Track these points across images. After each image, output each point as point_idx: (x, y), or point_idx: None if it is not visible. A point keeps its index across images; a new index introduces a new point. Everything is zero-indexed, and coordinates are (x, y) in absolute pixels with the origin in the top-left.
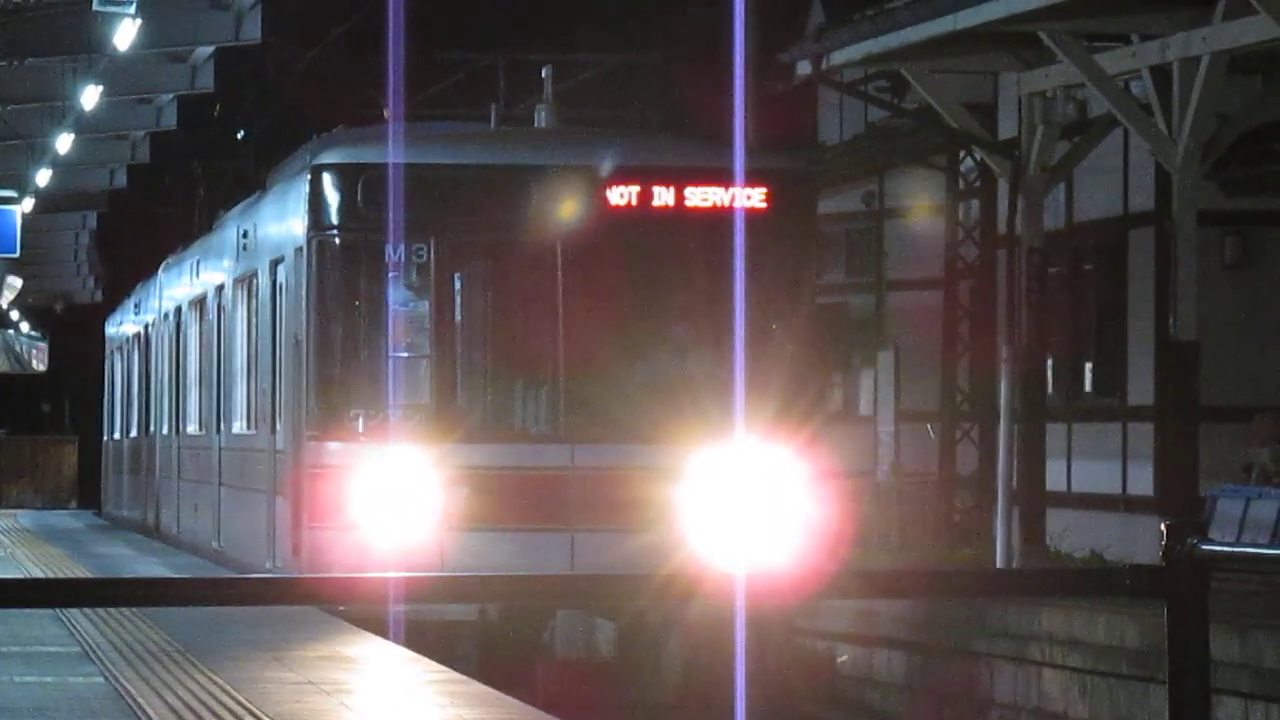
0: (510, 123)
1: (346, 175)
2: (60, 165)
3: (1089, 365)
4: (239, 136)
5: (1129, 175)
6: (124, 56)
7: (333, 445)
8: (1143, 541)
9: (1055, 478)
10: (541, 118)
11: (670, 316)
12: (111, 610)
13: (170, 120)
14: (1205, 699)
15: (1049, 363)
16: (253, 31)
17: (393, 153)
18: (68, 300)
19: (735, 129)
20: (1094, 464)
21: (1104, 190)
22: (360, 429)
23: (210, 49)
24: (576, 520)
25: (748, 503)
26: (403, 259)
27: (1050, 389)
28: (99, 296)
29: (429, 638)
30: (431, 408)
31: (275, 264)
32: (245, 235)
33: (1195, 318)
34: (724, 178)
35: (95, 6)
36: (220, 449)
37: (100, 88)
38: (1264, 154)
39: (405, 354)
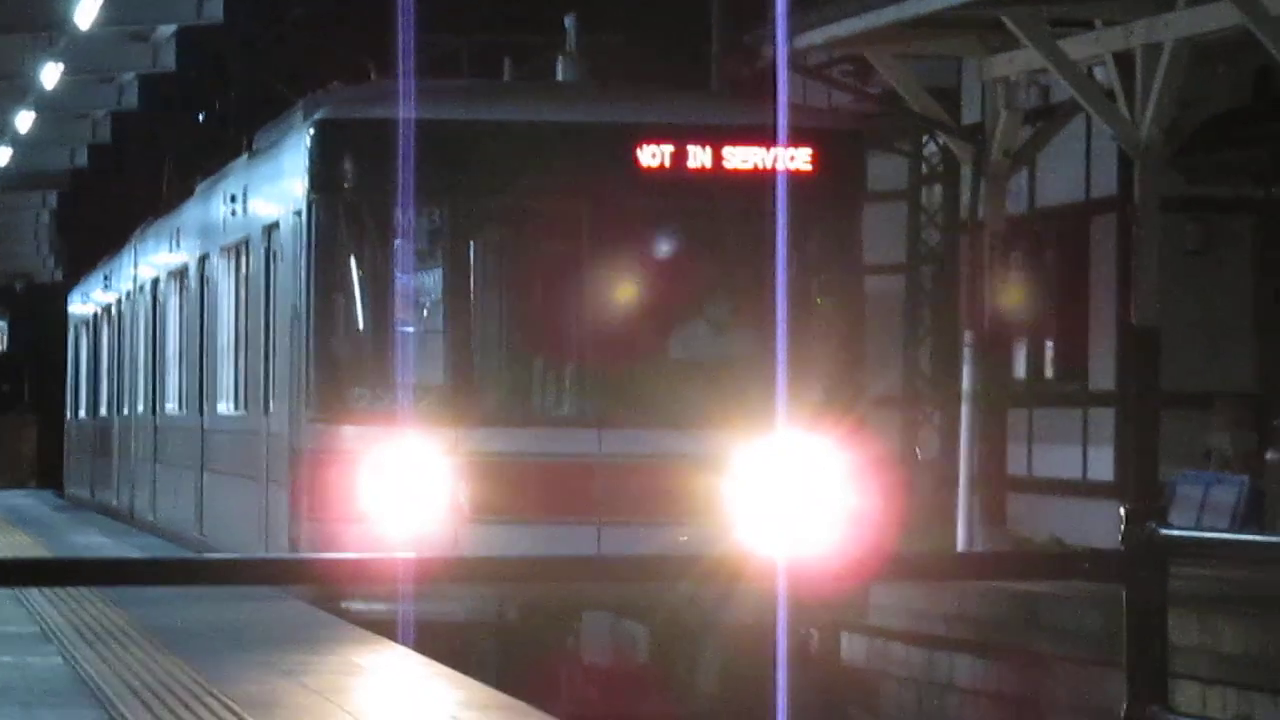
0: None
1: (351, 131)
2: (20, 144)
3: (1050, 350)
4: (198, 118)
5: (1092, 161)
6: (85, 34)
7: (336, 429)
8: (1103, 526)
9: (1016, 462)
10: (561, 70)
11: (708, 289)
12: (70, 591)
13: (132, 100)
14: (1163, 682)
15: (1014, 348)
16: (215, 11)
17: (403, 106)
18: (28, 280)
19: (779, 87)
20: (1055, 448)
21: (1067, 176)
22: (367, 411)
23: (173, 28)
24: (604, 512)
25: (791, 494)
26: (413, 223)
27: (1015, 373)
28: (59, 276)
29: (441, 641)
30: (446, 387)
31: (269, 230)
32: (233, 200)
33: (1157, 304)
34: (767, 137)
35: None
36: (204, 430)
37: (61, 65)
38: (1226, 141)
39: (416, 328)
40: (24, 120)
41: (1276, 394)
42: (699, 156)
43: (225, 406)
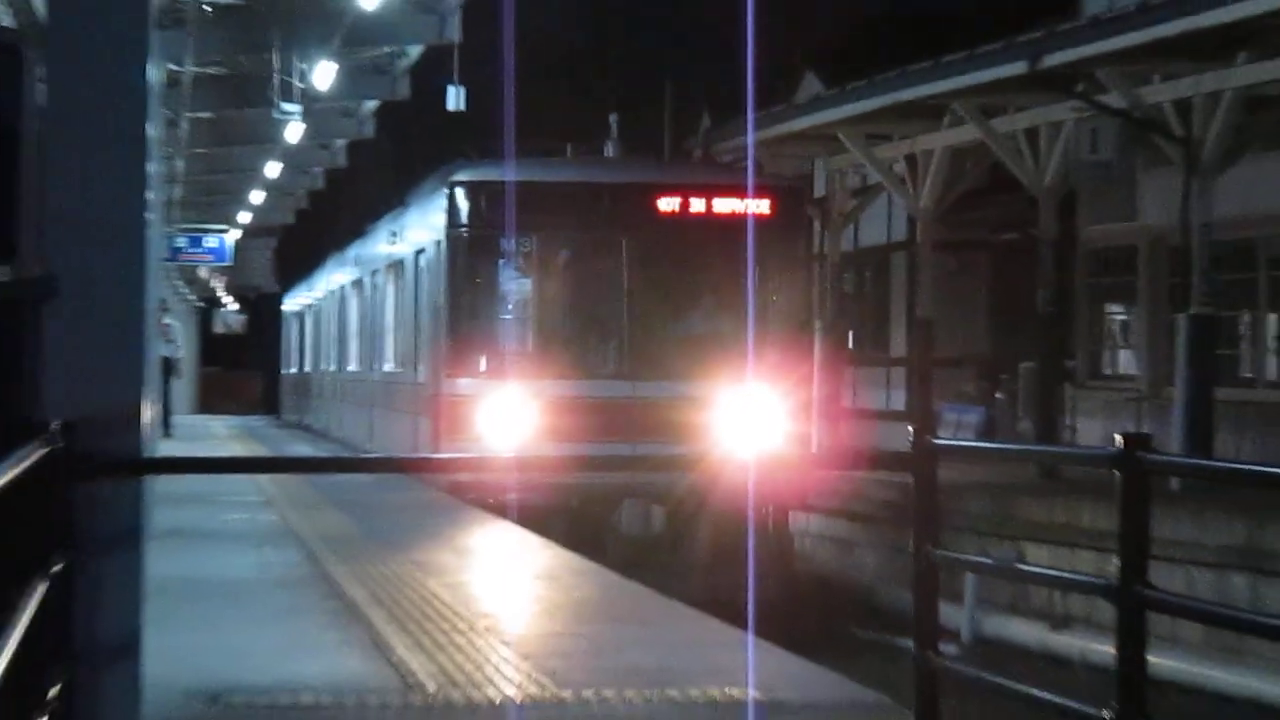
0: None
1: (475, 189)
2: (254, 210)
3: (867, 334)
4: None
5: (891, 219)
6: (322, 100)
7: (463, 381)
8: (899, 439)
9: (847, 399)
10: (610, 149)
11: (702, 290)
12: (285, 476)
13: (341, 160)
14: (938, 532)
15: (846, 331)
16: (403, 90)
17: (508, 173)
18: (258, 290)
19: (748, 158)
20: (870, 391)
21: (877, 228)
22: (483, 369)
23: (374, 104)
24: (636, 436)
25: (754, 423)
26: (514, 248)
27: (849, 345)
28: (276, 288)
29: (533, 519)
30: (534, 355)
31: (418, 254)
32: (394, 234)
33: (930, 304)
34: (739, 191)
35: (275, 115)
36: (374, 382)
37: (280, 164)
38: (971, 206)
39: (515, 317)
40: (257, 197)
41: (1001, 359)
42: (696, 203)
43: (389, 366)
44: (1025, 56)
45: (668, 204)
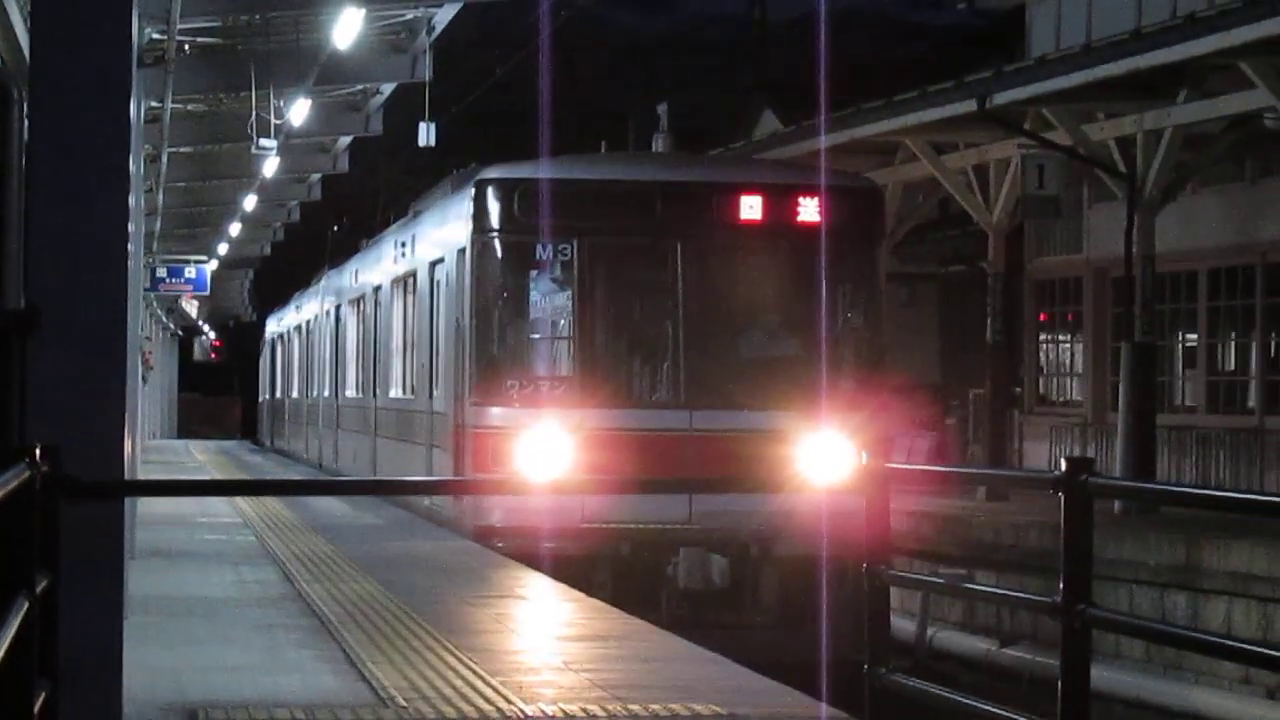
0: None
1: (504, 188)
2: (231, 241)
3: None
4: (333, 229)
5: None
6: (298, 135)
7: (492, 409)
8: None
9: None
10: (659, 143)
11: (772, 305)
12: (262, 500)
13: (316, 194)
14: (888, 548)
15: None
16: (376, 126)
17: (543, 169)
18: (237, 318)
19: (821, 153)
20: None
21: None
22: (515, 396)
23: (348, 139)
24: (695, 474)
25: (829, 460)
26: (550, 256)
27: None
28: (254, 317)
29: (570, 570)
30: (574, 379)
31: (434, 265)
32: (403, 246)
33: (887, 331)
34: (807, 192)
35: (253, 150)
36: (376, 409)
37: (255, 199)
38: (922, 240)
39: (552, 335)
40: (235, 229)
41: (951, 386)
42: (756, 206)
43: (395, 392)
44: (974, 95)
45: (731, 206)
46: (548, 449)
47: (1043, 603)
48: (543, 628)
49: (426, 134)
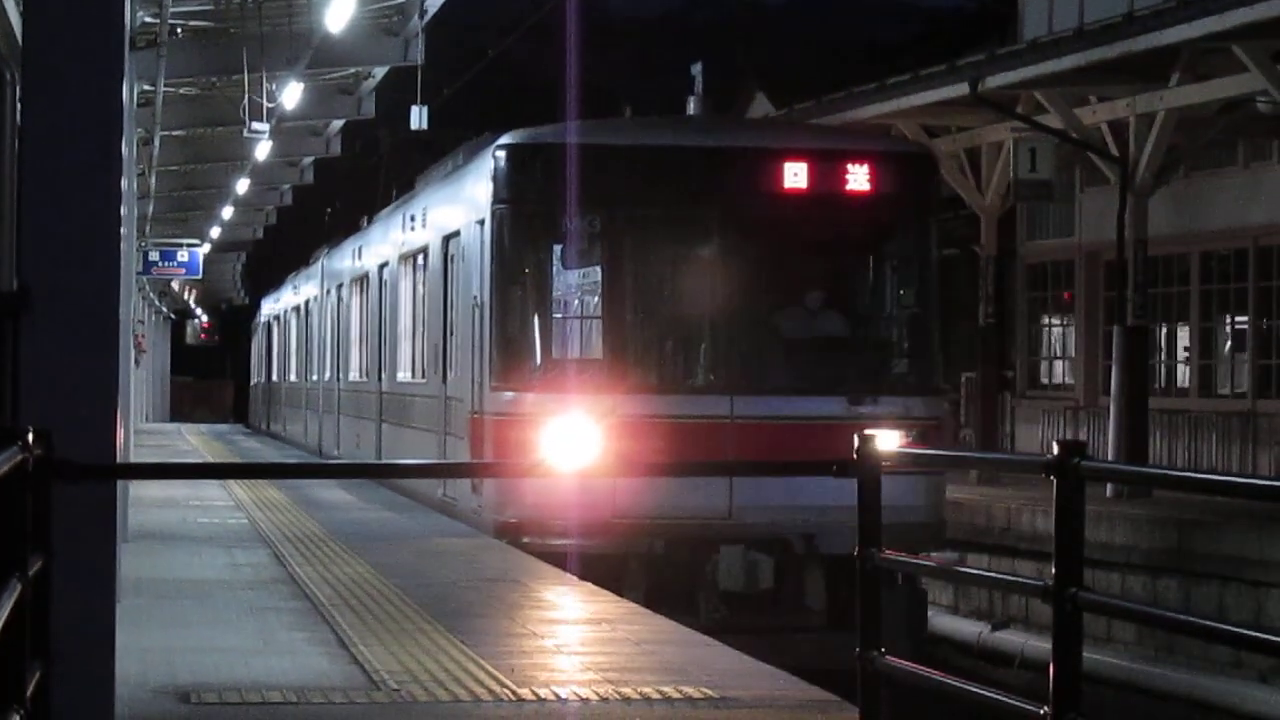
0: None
1: (527, 154)
2: (224, 225)
3: None
4: (327, 212)
5: None
6: (290, 119)
7: (513, 394)
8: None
9: None
10: (692, 106)
11: (821, 280)
12: (254, 482)
13: (309, 177)
14: (878, 528)
15: None
16: (368, 110)
17: (570, 134)
18: (229, 302)
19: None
20: None
21: None
22: (540, 380)
23: (340, 122)
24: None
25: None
26: (577, 229)
27: None
28: (246, 300)
29: (599, 569)
30: (604, 362)
31: (448, 239)
32: (413, 219)
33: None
34: (857, 158)
35: (245, 134)
36: (381, 393)
37: (248, 181)
38: None
39: (579, 314)
40: (227, 212)
41: (943, 369)
42: (801, 174)
43: (403, 375)
44: (967, 78)
45: (775, 173)
46: (575, 438)
47: (1034, 586)
48: (535, 611)
49: (419, 117)
